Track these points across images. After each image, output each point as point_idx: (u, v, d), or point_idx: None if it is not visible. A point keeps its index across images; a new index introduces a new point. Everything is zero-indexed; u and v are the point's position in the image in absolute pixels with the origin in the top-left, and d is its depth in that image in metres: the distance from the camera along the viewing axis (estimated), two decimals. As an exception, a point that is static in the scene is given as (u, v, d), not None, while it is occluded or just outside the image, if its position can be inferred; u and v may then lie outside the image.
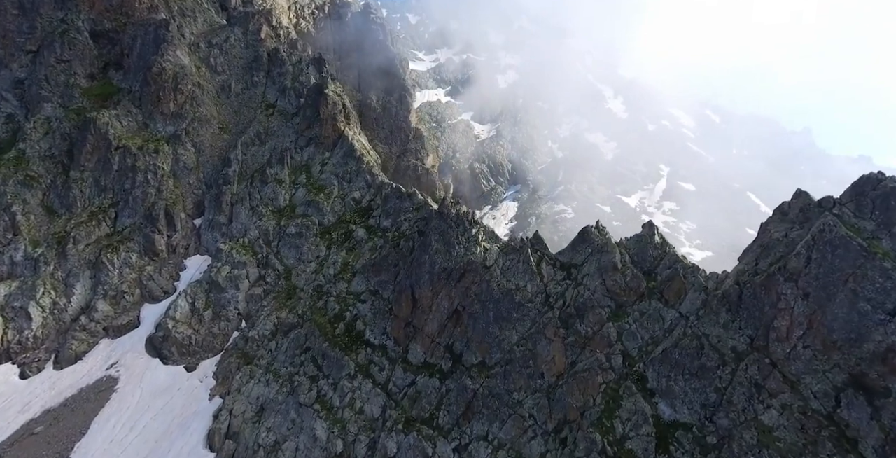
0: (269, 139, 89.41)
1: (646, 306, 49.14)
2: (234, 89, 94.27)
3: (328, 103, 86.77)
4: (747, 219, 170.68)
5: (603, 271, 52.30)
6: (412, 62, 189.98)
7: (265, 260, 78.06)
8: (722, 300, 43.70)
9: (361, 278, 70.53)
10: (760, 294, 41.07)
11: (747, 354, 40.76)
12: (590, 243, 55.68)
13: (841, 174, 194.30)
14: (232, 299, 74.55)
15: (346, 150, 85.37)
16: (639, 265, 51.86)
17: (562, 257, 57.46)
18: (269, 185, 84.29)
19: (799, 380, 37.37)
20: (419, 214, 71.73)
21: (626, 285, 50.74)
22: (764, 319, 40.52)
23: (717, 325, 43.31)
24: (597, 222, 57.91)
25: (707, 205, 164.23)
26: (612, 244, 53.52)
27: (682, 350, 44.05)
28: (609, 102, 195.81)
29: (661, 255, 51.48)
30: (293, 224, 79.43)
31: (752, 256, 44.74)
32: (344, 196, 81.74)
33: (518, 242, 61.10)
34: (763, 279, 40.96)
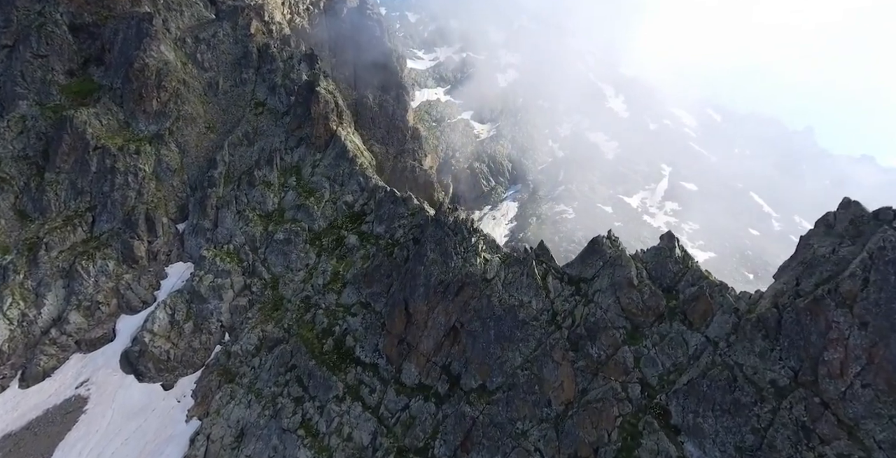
0: (258, 139, 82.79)
1: (666, 329, 42.57)
2: (222, 87, 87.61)
3: (319, 101, 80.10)
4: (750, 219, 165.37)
5: (617, 287, 45.68)
6: (411, 61, 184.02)
7: (251, 268, 71.53)
8: (757, 325, 37.08)
9: (352, 289, 64.00)
10: (805, 320, 34.46)
11: (791, 390, 34.25)
12: (601, 255, 49.08)
13: (844, 174, 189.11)
14: (215, 310, 68.07)
15: (339, 150, 78.76)
16: (657, 282, 45.27)
17: (570, 271, 50.88)
18: (257, 188, 77.68)
19: (858, 425, 30.86)
20: (414, 220, 65.17)
21: (644, 304, 44.13)
22: (811, 350, 33.94)
23: (753, 354, 36.71)
24: (608, 232, 51.28)
25: (709, 205, 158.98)
26: (627, 257, 46.87)
27: (711, 382, 37.45)
28: (610, 101, 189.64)
29: (683, 270, 44.84)
30: (281, 230, 72.82)
31: (792, 274, 37.99)
32: (336, 200, 75.18)
33: (521, 253, 54.51)
34: (808, 303, 34.34)
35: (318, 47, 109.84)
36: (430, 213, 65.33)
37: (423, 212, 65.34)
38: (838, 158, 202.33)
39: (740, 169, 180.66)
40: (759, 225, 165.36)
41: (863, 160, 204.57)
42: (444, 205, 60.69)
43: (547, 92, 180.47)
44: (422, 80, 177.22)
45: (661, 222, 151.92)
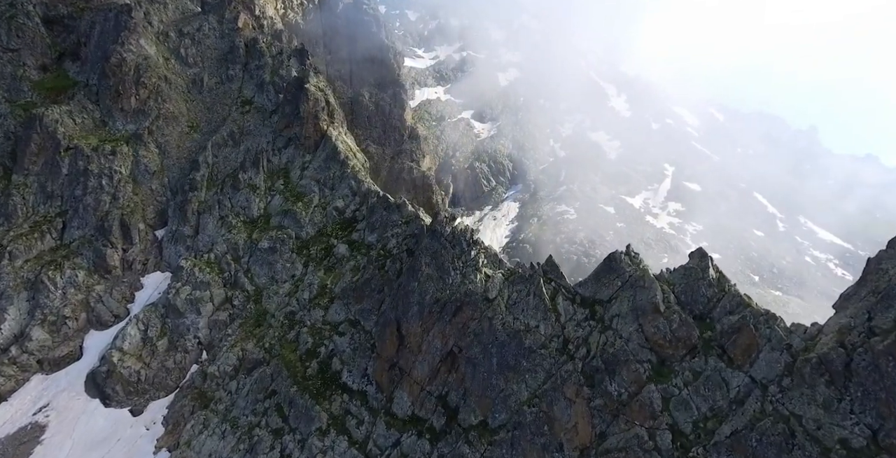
0: (244, 140, 75.13)
1: (700, 365, 35.08)
2: (207, 84, 79.88)
3: (309, 99, 72.44)
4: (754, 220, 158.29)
5: (640, 312, 38.11)
6: (411, 59, 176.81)
7: (233, 279, 63.98)
8: (819, 368, 29.54)
9: (341, 304, 56.46)
10: (885, 366, 27.04)
11: (870, 454, 26.52)
12: (619, 273, 41.48)
13: (848, 174, 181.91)
14: (192, 325, 60.58)
15: (329, 152, 71.14)
16: (688, 308, 37.64)
17: (583, 290, 43.27)
18: (242, 191, 70.11)
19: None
20: (409, 228, 57.59)
21: (672, 334, 36.58)
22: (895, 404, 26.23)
23: (814, 404, 29.15)
24: (627, 247, 43.65)
25: (713, 206, 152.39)
26: (651, 277, 39.21)
27: (762, 436, 29.96)
28: (612, 100, 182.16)
29: (718, 295, 37.20)
30: (266, 237, 65.26)
31: (862, 306, 30.29)
32: (325, 205, 67.61)
33: (527, 269, 46.85)
34: (890, 344, 26.66)
35: (313, 43, 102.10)
36: (425, 221, 57.64)
37: (417, 220, 57.70)
38: (842, 158, 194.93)
39: (744, 169, 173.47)
40: (764, 226, 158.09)
41: (867, 160, 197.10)
42: (441, 213, 53.05)
43: (548, 91, 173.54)
44: (422, 78, 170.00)
45: (664, 223, 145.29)
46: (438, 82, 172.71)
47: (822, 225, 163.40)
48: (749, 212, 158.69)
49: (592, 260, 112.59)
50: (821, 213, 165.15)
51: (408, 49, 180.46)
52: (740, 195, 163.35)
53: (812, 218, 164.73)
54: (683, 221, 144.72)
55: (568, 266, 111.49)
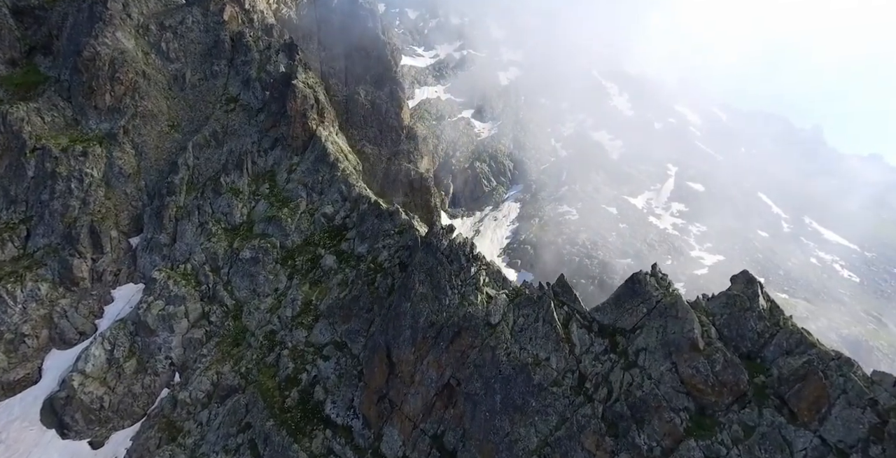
0: (228, 140, 67.73)
1: (753, 417, 27.66)
2: (190, 80, 72.35)
3: (297, 97, 65.05)
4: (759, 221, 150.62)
5: (673, 348, 30.68)
6: (411, 58, 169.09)
7: (211, 293, 56.60)
8: (920, 438, 21.64)
9: (326, 324, 49.06)
10: None
11: None
12: (644, 298, 34.05)
13: (853, 174, 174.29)
14: (164, 344, 53.21)
15: (318, 154, 63.74)
16: (733, 344, 30.15)
17: (601, 317, 35.82)
18: (224, 196, 62.70)
19: None
20: (402, 239, 50.13)
21: (715, 378, 29.19)
22: None
23: (916, 486, 21.24)
24: (653, 267, 36.17)
25: (717, 206, 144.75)
26: (685, 305, 31.75)
27: (842, 524, 22.10)
28: (614, 99, 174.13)
29: (772, 330, 29.74)
30: (249, 246, 57.84)
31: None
32: (313, 211, 60.21)
33: (535, 289, 39.37)
34: None
35: (306, 39, 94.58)
36: (420, 231, 50.15)
37: (411, 230, 50.24)
38: (847, 158, 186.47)
39: (748, 169, 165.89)
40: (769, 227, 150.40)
41: (871, 159, 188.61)
42: (437, 224, 45.45)
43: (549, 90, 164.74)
44: (421, 77, 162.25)
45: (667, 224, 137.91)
46: (438, 81, 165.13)
47: (828, 226, 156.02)
48: (754, 213, 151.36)
49: (595, 262, 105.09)
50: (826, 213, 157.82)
51: (407, 47, 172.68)
52: (744, 196, 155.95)
53: (817, 219, 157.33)
54: (687, 222, 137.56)
55: (569, 268, 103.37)
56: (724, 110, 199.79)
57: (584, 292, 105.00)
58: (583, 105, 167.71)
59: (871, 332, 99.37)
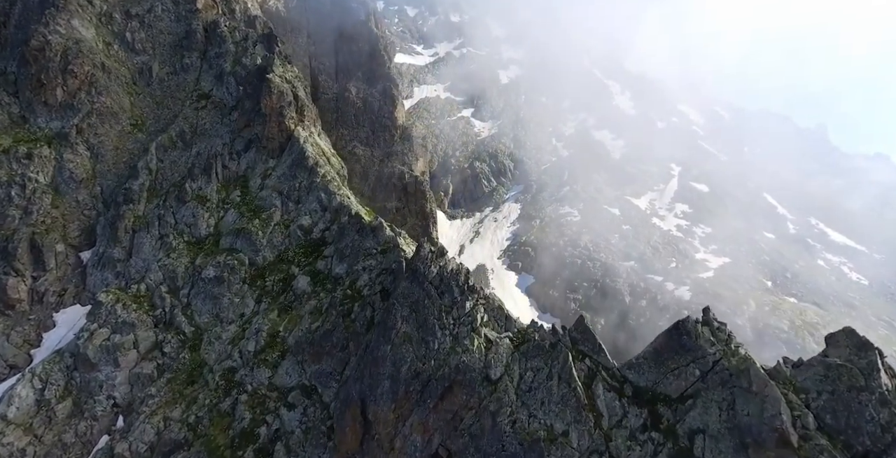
0: (197, 141, 57.68)
1: None
2: (158, 74, 62.18)
3: (272, 93, 54.95)
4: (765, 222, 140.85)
5: (750, 440, 20.35)
6: (410, 56, 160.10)
7: (166, 318, 46.55)
8: None
9: (293, 362, 39.01)
10: None
11: None
12: (695, 355, 24.18)
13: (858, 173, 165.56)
14: (106, 381, 43.18)
15: (296, 157, 53.64)
16: (841, 439, 19.67)
17: (635, 376, 26.02)
18: (189, 205, 52.69)
19: None
20: (385, 261, 39.99)
21: (816, 493, 18.32)
22: None
23: None
24: (705, 312, 25.91)
25: (722, 207, 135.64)
26: (761, 375, 21.71)
27: None
28: (616, 98, 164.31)
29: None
30: (213, 263, 47.78)
31: None
32: (288, 223, 50.18)
33: (546, 333, 29.35)
34: None
35: (295, 33, 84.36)
36: (406, 250, 39.90)
37: (396, 250, 40.09)
38: (852, 157, 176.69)
39: (752, 169, 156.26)
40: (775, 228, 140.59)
41: (877, 159, 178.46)
42: (426, 246, 35.22)
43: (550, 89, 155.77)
44: (420, 76, 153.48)
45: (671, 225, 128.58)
46: (438, 80, 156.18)
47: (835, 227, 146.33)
48: (759, 214, 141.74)
49: (597, 264, 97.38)
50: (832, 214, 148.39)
51: (406, 45, 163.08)
52: (749, 196, 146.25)
53: (823, 219, 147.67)
54: (691, 224, 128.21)
55: (570, 271, 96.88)
56: (726, 109, 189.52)
57: (586, 295, 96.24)
58: (584, 104, 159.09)
59: (883, 338, 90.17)
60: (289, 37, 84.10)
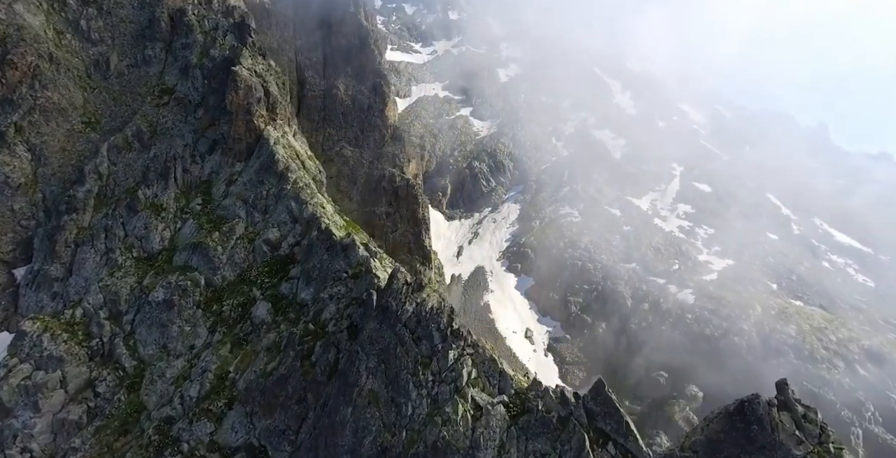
0: (157, 142, 49.00)
1: None
2: (116, 67, 53.45)
3: (238, 87, 46.28)
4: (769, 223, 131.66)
5: None
6: (407, 54, 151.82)
7: (104, 350, 38.02)
8: None
9: (241, 414, 30.42)
10: None
11: None
12: (770, 449, 14.19)
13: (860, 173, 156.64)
14: (23, 430, 34.78)
15: (264, 160, 44.61)
16: None
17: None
18: (141, 214, 44.02)
19: None
20: (356, 288, 31.27)
21: None
22: None
23: None
24: (781, 387, 16.49)
25: (725, 208, 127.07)
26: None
27: None
28: (617, 97, 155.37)
29: None
30: (164, 284, 39.14)
31: None
32: (253, 236, 41.45)
33: (553, 399, 20.29)
34: None
35: (281, 26, 75.52)
36: (380, 277, 31.12)
37: (369, 276, 31.35)
38: (854, 156, 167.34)
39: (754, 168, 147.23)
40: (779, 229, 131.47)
41: (880, 158, 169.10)
42: (400, 275, 26.40)
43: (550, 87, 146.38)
44: (418, 74, 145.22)
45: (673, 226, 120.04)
46: (436, 78, 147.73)
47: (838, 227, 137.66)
48: (762, 214, 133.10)
49: (597, 266, 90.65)
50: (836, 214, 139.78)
51: (404, 43, 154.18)
52: (752, 196, 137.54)
53: (827, 220, 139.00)
54: (694, 225, 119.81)
55: (571, 273, 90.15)
56: (728, 108, 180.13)
57: (587, 298, 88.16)
58: (584, 103, 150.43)
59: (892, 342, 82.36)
60: (273, 30, 75.31)
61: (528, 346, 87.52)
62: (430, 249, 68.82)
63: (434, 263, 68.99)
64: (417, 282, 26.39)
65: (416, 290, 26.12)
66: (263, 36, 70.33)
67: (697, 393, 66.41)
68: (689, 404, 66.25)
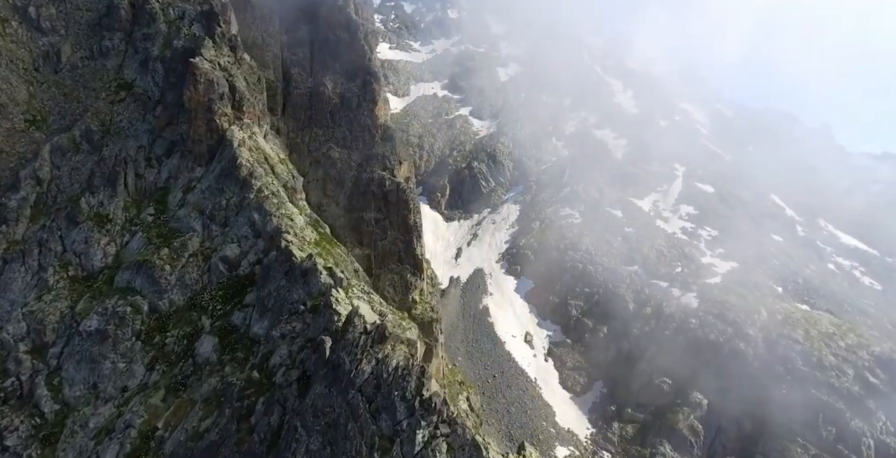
0: (109, 142, 41.47)
1: None
2: (70, 59, 46.17)
3: (198, 82, 38.86)
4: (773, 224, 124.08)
5: None
6: (406, 53, 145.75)
7: (20, 391, 30.63)
8: None
9: (163, 488, 22.56)
10: None
11: None
12: None
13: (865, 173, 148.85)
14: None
15: (226, 165, 37.06)
16: None
17: None
18: (83, 226, 36.64)
19: None
20: (314, 325, 23.62)
21: None
22: None
23: None
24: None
25: (728, 209, 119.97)
26: None
27: None
28: (618, 96, 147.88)
29: None
30: (99, 311, 31.92)
31: None
32: (209, 253, 34.06)
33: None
34: None
35: (265, 20, 67.68)
36: (342, 314, 23.55)
37: (328, 313, 23.73)
38: (858, 156, 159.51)
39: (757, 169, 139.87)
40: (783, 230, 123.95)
41: (884, 158, 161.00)
42: (357, 319, 18.79)
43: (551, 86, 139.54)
44: (417, 73, 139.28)
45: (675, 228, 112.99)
46: (435, 77, 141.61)
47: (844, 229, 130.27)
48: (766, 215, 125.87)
49: (599, 269, 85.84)
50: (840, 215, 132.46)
51: (403, 42, 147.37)
52: (756, 197, 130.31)
53: (832, 221, 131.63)
54: (697, 226, 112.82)
55: (572, 275, 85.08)
56: (730, 107, 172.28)
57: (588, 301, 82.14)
58: (585, 102, 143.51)
59: None
60: (258, 24, 67.67)
61: (528, 351, 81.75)
62: (423, 257, 61.44)
63: (427, 272, 61.70)
64: (380, 331, 18.98)
65: (377, 341, 18.76)
66: (246, 30, 62.96)
67: (702, 401, 61.88)
68: (693, 412, 61.69)
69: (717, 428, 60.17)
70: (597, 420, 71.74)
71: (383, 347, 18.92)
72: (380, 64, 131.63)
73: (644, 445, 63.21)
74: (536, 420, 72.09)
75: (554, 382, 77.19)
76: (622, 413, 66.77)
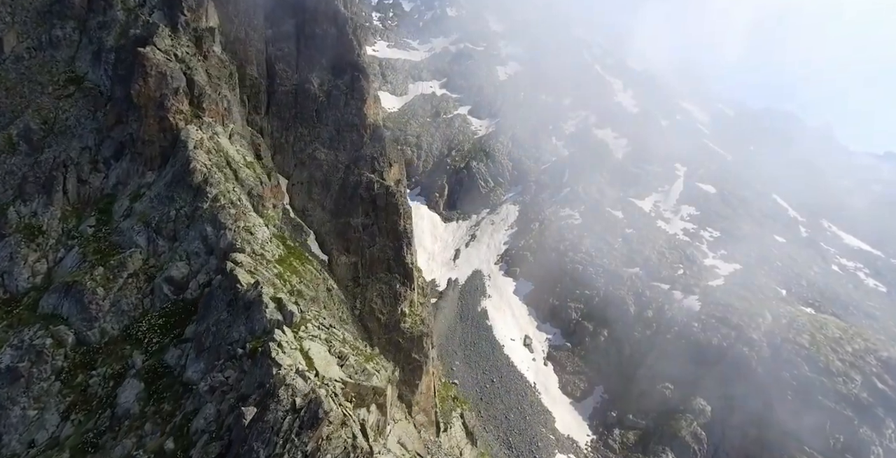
0: (51, 143, 35.23)
1: None
2: (15, 50, 40.05)
3: (148, 74, 32.22)
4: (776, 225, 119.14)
5: None
6: (405, 51, 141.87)
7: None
8: None
9: None
10: None
11: None
12: None
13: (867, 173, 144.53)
14: None
15: (178, 170, 30.69)
16: None
17: None
18: (8, 240, 30.22)
19: None
20: (247, 381, 16.85)
21: None
22: None
23: None
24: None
25: (730, 209, 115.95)
26: None
27: None
28: (618, 96, 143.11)
29: None
30: (14, 343, 25.91)
31: None
32: (153, 273, 27.63)
33: None
34: None
35: (249, 13, 61.41)
36: (282, 367, 17.12)
37: (265, 363, 17.15)
38: (860, 156, 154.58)
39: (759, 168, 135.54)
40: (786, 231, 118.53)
41: (886, 158, 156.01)
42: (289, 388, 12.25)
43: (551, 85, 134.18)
44: (416, 72, 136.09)
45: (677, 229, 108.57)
46: (434, 76, 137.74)
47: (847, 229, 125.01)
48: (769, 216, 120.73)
49: (599, 271, 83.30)
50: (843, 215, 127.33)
51: (402, 40, 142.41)
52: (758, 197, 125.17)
53: (835, 222, 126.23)
54: (698, 227, 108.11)
55: (572, 277, 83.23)
56: (731, 107, 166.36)
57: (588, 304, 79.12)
58: (585, 101, 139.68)
59: None
60: (241, 17, 61.50)
61: (528, 354, 77.66)
62: (413, 266, 55.38)
63: (418, 282, 55.67)
64: (312, 409, 12.66)
65: (307, 426, 12.44)
66: (228, 24, 56.86)
67: (705, 407, 59.01)
68: (696, 418, 58.83)
69: (720, 436, 56.94)
70: (597, 427, 67.57)
71: (315, 433, 12.74)
72: (378, 63, 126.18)
73: (646, 452, 59.78)
74: (535, 426, 67.03)
75: (553, 387, 73.22)
76: (623, 420, 63.29)
